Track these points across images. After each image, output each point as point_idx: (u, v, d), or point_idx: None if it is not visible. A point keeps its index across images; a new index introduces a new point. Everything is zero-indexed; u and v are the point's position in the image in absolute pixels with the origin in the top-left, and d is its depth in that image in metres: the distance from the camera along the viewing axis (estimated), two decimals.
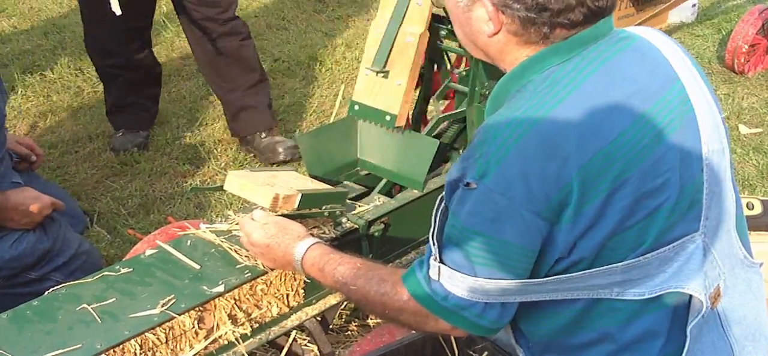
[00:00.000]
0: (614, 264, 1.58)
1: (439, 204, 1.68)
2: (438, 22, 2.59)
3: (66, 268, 2.74)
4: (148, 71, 4.01)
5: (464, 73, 2.63)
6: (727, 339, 1.71)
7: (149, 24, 3.94)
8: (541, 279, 1.60)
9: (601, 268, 1.58)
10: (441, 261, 1.62)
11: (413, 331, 1.97)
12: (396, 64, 2.35)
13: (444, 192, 1.67)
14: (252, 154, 3.96)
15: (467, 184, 1.56)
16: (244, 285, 2.14)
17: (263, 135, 3.91)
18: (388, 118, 2.51)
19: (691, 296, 1.63)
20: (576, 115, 1.53)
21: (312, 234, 2.05)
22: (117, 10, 3.01)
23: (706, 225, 1.63)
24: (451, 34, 2.60)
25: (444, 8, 2.48)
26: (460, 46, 2.59)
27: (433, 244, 1.63)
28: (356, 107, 2.60)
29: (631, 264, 1.58)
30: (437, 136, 2.63)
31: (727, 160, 1.69)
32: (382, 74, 2.37)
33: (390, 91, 2.43)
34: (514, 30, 1.61)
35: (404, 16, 2.31)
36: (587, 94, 1.55)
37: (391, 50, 2.35)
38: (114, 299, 2.06)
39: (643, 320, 1.63)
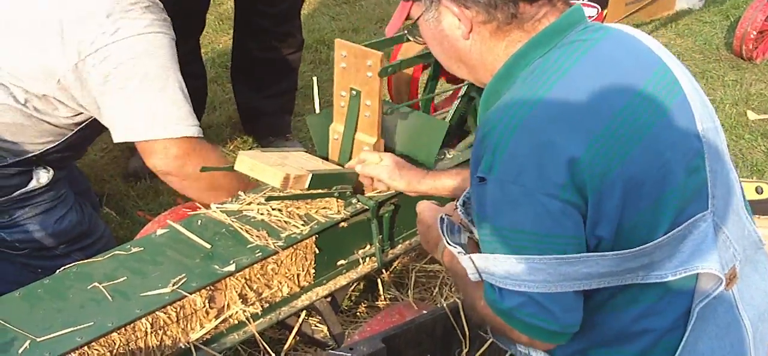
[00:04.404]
0: (643, 246, 1.55)
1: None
2: None
3: (89, 249, 2.75)
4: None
5: None
6: (742, 320, 1.71)
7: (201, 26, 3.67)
8: (581, 255, 1.54)
9: (633, 250, 1.55)
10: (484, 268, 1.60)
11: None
12: None
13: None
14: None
15: (480, 179, 1.56)
16: (255, 265, 2.14)
17: (272, 138, 3.83)
18: None
19: (697, 276, 1.62)
20: (567, 99, 1.53)
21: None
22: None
23: (714, 205, 1.63)
24: None
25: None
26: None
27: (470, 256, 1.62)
28: None
29: (658, 244, 1.56)
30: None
31: (722, 139, 1.69)
32: None
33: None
34: (483, 19, 1.64)
35: (356, 126, 2.40)
36: (575, 79, 1.56)
37: (351, 153, 2.46)
38: (125, 278, 2.06)
39: (659, 303, 1.62)
